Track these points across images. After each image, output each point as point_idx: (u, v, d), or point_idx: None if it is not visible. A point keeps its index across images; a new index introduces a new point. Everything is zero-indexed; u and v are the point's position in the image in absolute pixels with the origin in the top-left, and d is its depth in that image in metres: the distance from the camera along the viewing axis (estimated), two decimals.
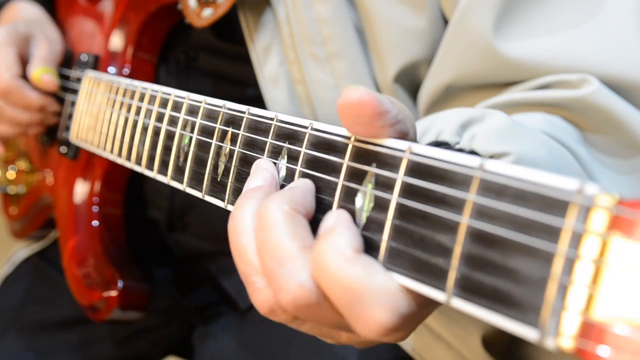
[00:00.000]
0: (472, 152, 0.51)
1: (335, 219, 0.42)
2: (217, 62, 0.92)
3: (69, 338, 1.07)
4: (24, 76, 0.98)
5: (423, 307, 0.40)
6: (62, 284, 1.04)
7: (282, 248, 0.42)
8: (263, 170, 0.50)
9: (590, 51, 0.63)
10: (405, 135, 0.43)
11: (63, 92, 1.01)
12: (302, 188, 0.46)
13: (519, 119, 0.60)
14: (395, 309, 0.39)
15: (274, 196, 0.45)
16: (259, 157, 0.53)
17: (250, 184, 0.49)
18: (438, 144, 0.54)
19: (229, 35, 0.85)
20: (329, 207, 0.45)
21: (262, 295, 0.45)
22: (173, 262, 1.05)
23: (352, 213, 0.43)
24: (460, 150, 0.52)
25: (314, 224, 0.45)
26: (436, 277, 0.37)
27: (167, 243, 1.02)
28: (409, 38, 0.76)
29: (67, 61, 1.03)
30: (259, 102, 0.83)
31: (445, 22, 0.77)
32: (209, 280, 1.02)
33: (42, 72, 0.96)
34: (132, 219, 0.99)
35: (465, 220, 0.36)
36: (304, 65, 0.79)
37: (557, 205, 0.32)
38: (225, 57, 0.91)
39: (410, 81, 0.80)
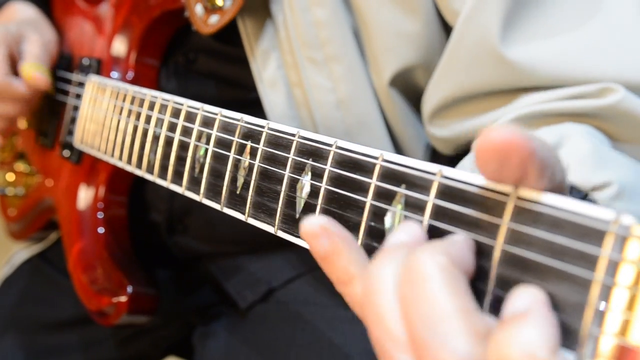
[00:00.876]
0: (572, 187, 0.48)
1: (530, 301, 0.34)
2: (216, 64, 0.92)
3: (69, 339, 1.07)
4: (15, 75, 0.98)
5: None
6: (62, 285, 1.04)
7: (438, 307, 0.34)
8: (410, 225, 0.42)
9: (597, 54, 0.63)
10: (558, 186, 0.37)
11: (64, 96, 1.01)
12: (462, 243, 0.38)
13: (559, 132, 0.58)
14: None
15: (425, 247, 0.37)
16: (280, 172, 0.54)
17: (393, 238, 0.41)
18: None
19: (228, 38, 0.86)
20: (356, 225, 0.46)
21: None
22: (173, 264, 1.06)
23: (382, 232, 0.44)
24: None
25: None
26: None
27: (167, 245, 1.02)
28: (403, 42, 0.77)
29: (68, 65, 1.03)
30: (258, 104, 0.84)
31: (444, 26, 0.78)
32: (209, 281, 1.03)
33: (34, 68, 0.95)
34: (132, 222, 0.99)
35: (499, 244, 0.37)
36: (301, 68, 0.79)
37: (593, 234, 0.33)
38: (225, 59, 0.91)
39: (406, 85, 0.80)
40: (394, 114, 0.81)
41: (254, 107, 0.85)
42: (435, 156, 0.85)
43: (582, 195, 0.49)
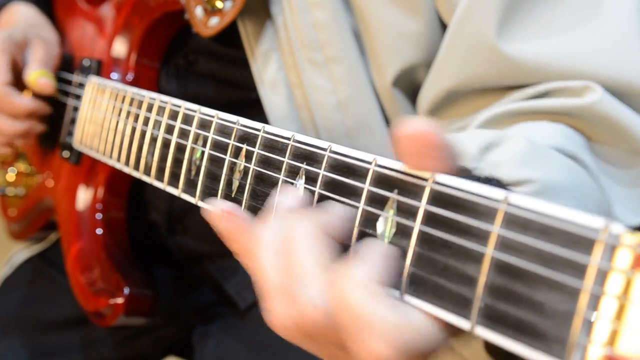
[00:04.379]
0: (495, 179, 0.51)
1: (370, 249, 0.42)
2: (216, 66, 0.92)
3: (70, 338, 1.07)
4: (19, 84, 0.98)
5: (427, 345, 0.40)
6: (62, 285, 1.04)
7: (302, 266, 0.43)
8: (289, 190, 0.51)
9: (591, 54, 0.63)
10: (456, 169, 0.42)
11: (65, 97, 1.01)
12: (331, 210, 0.47)
13: (529, 131, 0.61)
14: (395, 344, 0.39)
15: (300, 214, 0.46)
16: (275, 176, 0.54)
17: (276, 200, 0.50)
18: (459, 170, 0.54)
19: (228, 39, 0.86)
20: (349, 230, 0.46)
21: (276, 310, 0.46)
22: (173, 264, 1.06)
23: (374, 238, 0.44)
24: (486, 179, 0.51)
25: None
26: (460, 305, 0.38)
27: (167, 245, 1.02)
28: (405, 42, 0.77)
29: (68, 65, 1.03)
30: (258, 106, 0.84)
31: (443, 25, 0.78)
32: (208, 281, 1.03)
33: (39, 76, 0.96)
34: (132, 222, 0.99)
35: (490, 251, 0.37)
36: (301, 70, 0.79)
37: (582, 242, 0.33)
38: (225, 61, 0.91)
39: (408, 85, 0.80)
40: (396, 114, 0.81)
41: (254, 108, 0.85)
42: None
43: (502, 188, 0.51)
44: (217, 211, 0.50)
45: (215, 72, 0.92)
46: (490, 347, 0.79)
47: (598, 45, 0.64)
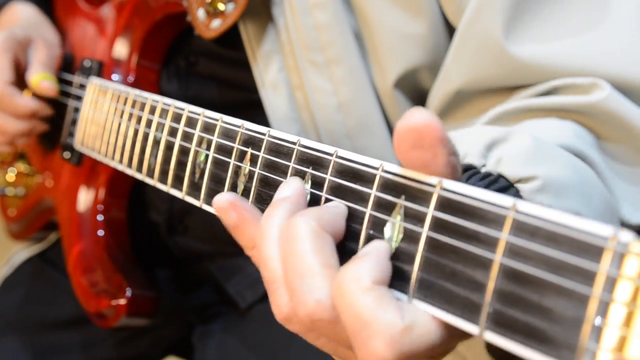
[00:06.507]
0: (500, 176, 0.51)
1: (371, 248, 0.43)
2: (217, 67, 0.92)
3: (70, 338, 1.07)
4: (21, 83, 0.98)
5: (431, 349, 0.41)
6: (62, 285, 1.04)
7: (305, 262, 0.43)
8: (293, 182, 0.51)
9: (600, 54, 0.64)
10: (456, 171, 0.42)
11: (65, 98, 1.01)
12: (333, 209, 0.47)
13: (537, 128, 0.61)
14: (396, 346, 0.39)
15: (303, 211, 0.46)
16: (280, 180, 0.54)
17: (279, 194, 0.50)
18: (464, 168, 0.53)
19: (229, 41, 0.86)
20: (356, 235, 0.47)
21: (281, 302, 0.46)
22: (173, 263, 1.06)
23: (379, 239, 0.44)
24: (489, 174, 0.52)
25: (343, 250, 0.46)
26: (468, 310, 0.38)
27: (167, 245, 1.03)
28: (408, 43, 0.77)
29: (69, 66, 1.03)
30: (259, 107, 0.84)
31: (448, 27, 0.78)
32: (209, 280, 1.03)
33: (41, 79, 0.96)
34: (132, 222, 0.99)
35: (498, 258, 0.37)
36: (302, 71, 0.80)
37: (591, 250, 0.33)
38: (226, 62, 0.91)
39: (410, 87, 0.81)
40: (397, 115, 0.81)
41: (255, 109, 0.85)
42: None
43: (508, 184, 0.51)
44: (224, 203, 0.51)
45: (216, 73, 0.92)
46: (492, 349, 0.80)
47: (606, 45, 0.64)
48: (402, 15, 0.76)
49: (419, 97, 0.82)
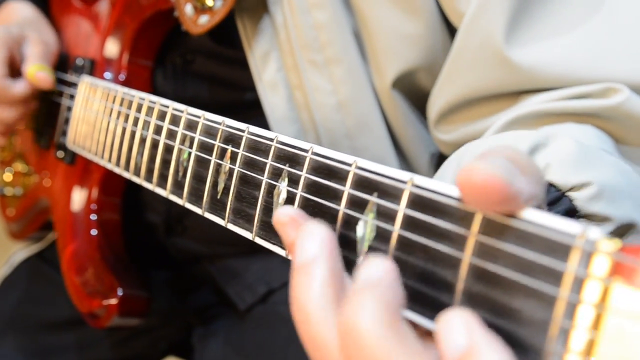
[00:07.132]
0: (549, 185, 0.48)
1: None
2: (214, 66, 0.91)
3: (68, 338, 1.07)
4: (15, 78, 0.98)
5: None
6: (61, 285, 1.04)
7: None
8: (318, 232, 0.40)
9: (602, 56, 0.62)
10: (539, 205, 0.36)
11: (59, 97, 1.00)
12: (389, 280, 0.36)
13: (565, 132, 0.58)
14: None
15: (360, 301, 0.35)
16: (259, 177, 0.53)
17: (302, 253, 0.40)
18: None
19: (226, 39, 0.85)
20: None
21: (302, 336, 0.39)
22: (171, 265, 1.05)
23: (354, 242, 0.43)
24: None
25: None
26: (437, 310, 0.37)
27: (165, 246, 1.02)
28: (405, 44, 0.76)
29: (63, 64, 1.02)
30: (257, 106, 0.83)
31: (447, 27, 0.77)
32: (208, 282, 1.03)
33: (37, 69, 0.95)
34: (130, 223, 0.99)
35: (467, 257, 0.36)
36: (302, 71, 0.79)
37: (559, 249, 0.32)
38: (223, 61, 0.90)
39: (408, 87, 0.80)
40: (395, 116, 0.80)
41: (254, 109, 0.84)
42: (442, 160, 0.83)
43: (560, 194, 0.48)
44: (284, 218, 0.44)
45: (213, 72, 0.92)
46: None
47: (609, 45, 0.62)
48: (398, 15, 0.75)
49: (416, 98, 0.81)
